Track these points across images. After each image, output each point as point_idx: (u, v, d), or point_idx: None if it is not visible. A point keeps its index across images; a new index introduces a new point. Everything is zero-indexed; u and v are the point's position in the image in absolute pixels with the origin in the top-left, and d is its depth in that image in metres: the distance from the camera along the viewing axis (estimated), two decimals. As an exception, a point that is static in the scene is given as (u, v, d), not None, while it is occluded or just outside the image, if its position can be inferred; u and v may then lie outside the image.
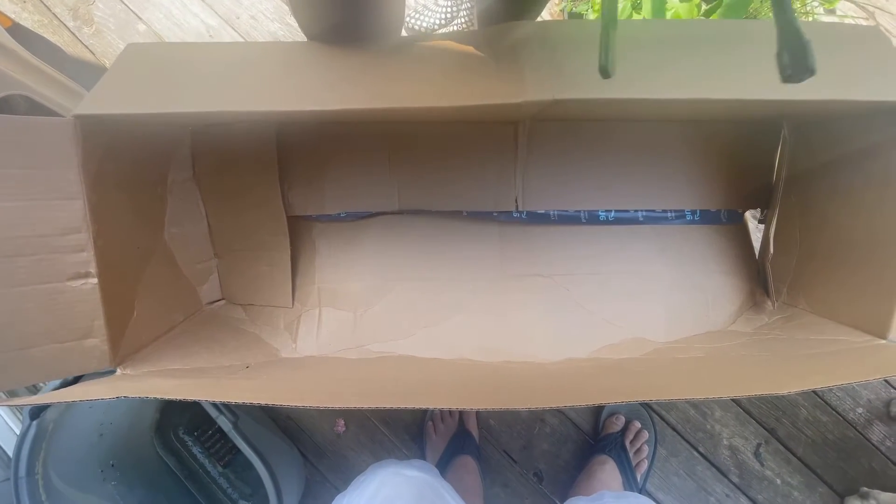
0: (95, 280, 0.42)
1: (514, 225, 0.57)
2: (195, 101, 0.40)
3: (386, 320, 0.55)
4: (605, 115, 0.54)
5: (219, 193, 0.56)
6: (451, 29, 0.82)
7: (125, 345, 0.46)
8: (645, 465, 0.70)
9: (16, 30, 0.82)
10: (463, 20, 0.82)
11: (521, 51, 0.41)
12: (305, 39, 0.47)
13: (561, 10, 0.84)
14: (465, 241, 0.57)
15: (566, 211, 0.56)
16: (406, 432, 0.74)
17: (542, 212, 0.56)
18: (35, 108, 0.68)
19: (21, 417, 0.69)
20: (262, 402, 0.33)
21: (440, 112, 0.43)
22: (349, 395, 0.37)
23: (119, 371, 0.44)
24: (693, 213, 0.57)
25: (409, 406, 0.33)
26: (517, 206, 0.56)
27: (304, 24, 0.46)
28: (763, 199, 0.58)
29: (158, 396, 0.33)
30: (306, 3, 0.43)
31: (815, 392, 0.76)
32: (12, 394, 0.67)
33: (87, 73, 0.81)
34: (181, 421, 0.71)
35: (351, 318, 0.55)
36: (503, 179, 0.56)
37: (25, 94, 0.66)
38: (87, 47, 0.83)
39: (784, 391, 0.33)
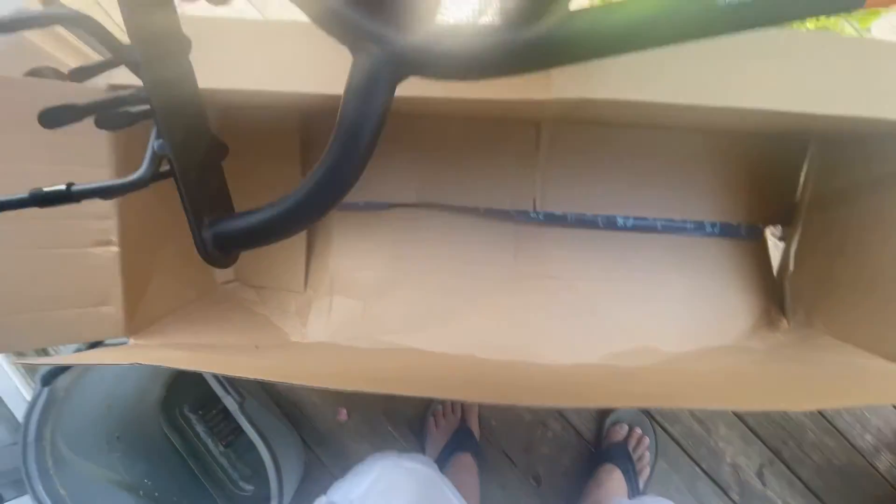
0: (117, 248, 0.43)
1: (531, 225, 0.57)
2: (223, 78, 0.40)
3: (396, 312, 0.55)
4: (629, 120, 0.53)
5: (241, 176, 0.56)
6: (484, 20, 0.82)
7: (139, 316, 0.46)
8: (647, 472, 0.69)
9: (49, 4, 0.83)
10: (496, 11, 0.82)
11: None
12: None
13: None
14: (480, 238, 0.57)
15: (584, 214, 0.56)
16: (407, 426, 0.74)
17: (560, 213, 0.56)
18: (63, 79, 0.69)
19: (32, 384, 0.71)
20: (273, 380, 0.33)
21: (464, 105, 0.43)
22: (357, 379, 0.38)
23: (131, 341, 0.45)
24: (713, 225, 0.57)
25: (415, 394, 0.33)
26: (535, 207, 0.56)
27: None
28: (785, 216, 0.57)
29: (172, 366, 0.34)
30: None
31: (823, 415, 0.74)
32: (21, 355, 0.68)
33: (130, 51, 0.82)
34: (187, 398, 0.72)
35: (361, 307, 0.55)
36: (522, 179, 0.56)
37: (54, 66, 0.68)
38: (116, 24, 0.84)
39: (795, 409, 0.33)
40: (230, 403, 0.53)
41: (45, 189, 0.26)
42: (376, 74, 0.22)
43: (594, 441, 0.74)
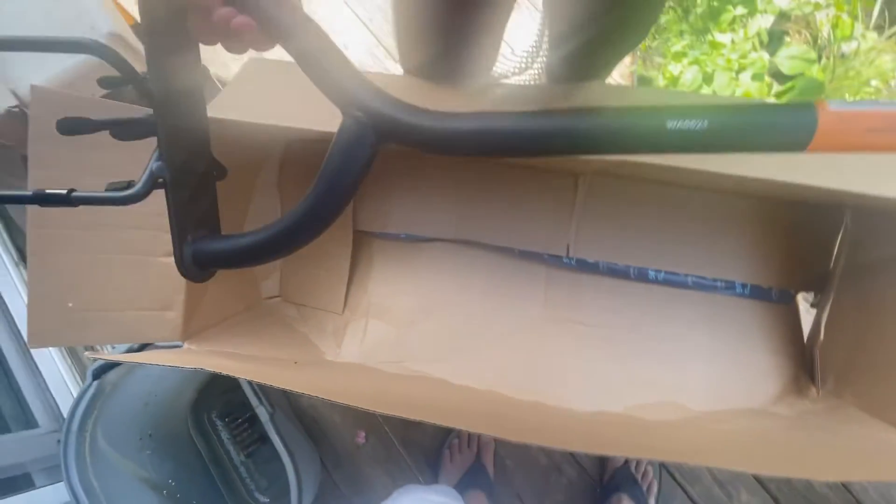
0: (184, 260, 0.47)
1: (563, 270, 0.59)
2: (293, 117, 0.45)
3: (427, 341, 0.57)
4: (667, 179, 0.56)
5: (296, 200, 0.61)
6: (523, 78, 0.87)
7: (194, 323, 0.50)
8: (655, 488, 0.68)
9: (138, 28, 0.93)
10: (535, 72, 0.87)
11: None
12: (400, 72, 0.52)
13: (631, 73, 0.88)
14: (512, 278, 0.59)
15: (616, 264, 0.58)
16: (423, 455, 0.75)
17: (592, 261, 0.58)
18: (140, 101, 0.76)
19: (78, 377, 0.75)
20: (315, 395, 0.36)
21: (508, 159, 0.46)
22: (384, 402, 0.39)
23: (185, 346, 0.48)
24: (744, 286, 0.58)
25: (437, 422, 0.35)
26: (568, 252, 0.58)
27: (406, 52, 0.50)
28: (818, 284, 0.58)
29: (228, 374, 0.37)
30: (414, 29, 0.47)
31: (849, 490, 0.71)
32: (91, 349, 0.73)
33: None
34: (216, 405, 0.75)
35: (394, 333, 0.58)
36: (558, 225, 0.59)
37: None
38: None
39: (820, 478, 0.33)
40: (262, 413, 0.55)
41: (48, 191, 0.28)
42: (360, 138, 0.25)
43: (599, 479, 0.73)
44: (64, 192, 0.27)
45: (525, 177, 0.59)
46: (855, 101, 0.20)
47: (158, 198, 0.44)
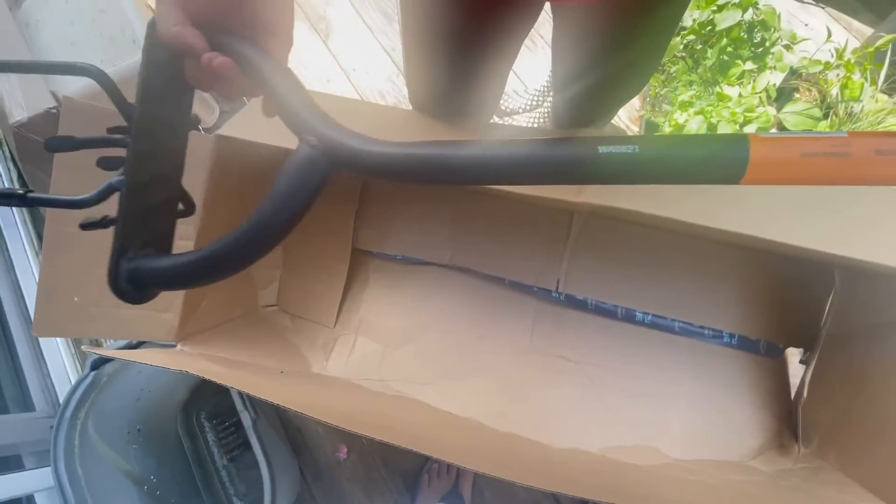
0: (186, 265, 0.50)
1: (551, 304, 0.60)
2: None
3: (411, 363, 0.58)
4: (661, 225, 0.57)
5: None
6: (534, 115, 0.90)
7: (191, 325, 0.52)
8: None
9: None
10: (546, 109, 0.90)
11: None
12: (409, 106, 0.55)
13: (640, 117, 0.90)
14: (501, 308, 0.60)
15: (604, 303, 0.59)
16: (402, 477, 0.75)
17: (581, 298, 0.59)
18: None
19: (79, 367, 0.78)
20: (290, 407, 0.37)
21: (505, 191, 0.48)
22: (362, 422, 0.41)
23: (179, 346, 0.50)
24: (731, 336, 0.58)
25: (414, 448, 0.36)
26: (557, 287, 0.59)
27: (414, 88, 0.53)
28: (807, 341, 0.57)
29: (210, 378, 0.38)
30: (421, 69, 0.50)
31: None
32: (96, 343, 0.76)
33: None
34: (205, 406, 0.77)
35: (381, 351, 0.59)
36: (549, 259, 0.60)
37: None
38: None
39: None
40: (246, 419, 0.57)
41: (3, 189, 0.29)
42: (313, 162, 0.24)
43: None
44: (21, 191, 0.27)
45: (521, 210, 0.61)
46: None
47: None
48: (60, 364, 0.74)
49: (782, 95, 0.84)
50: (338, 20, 1.02)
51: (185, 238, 0.49)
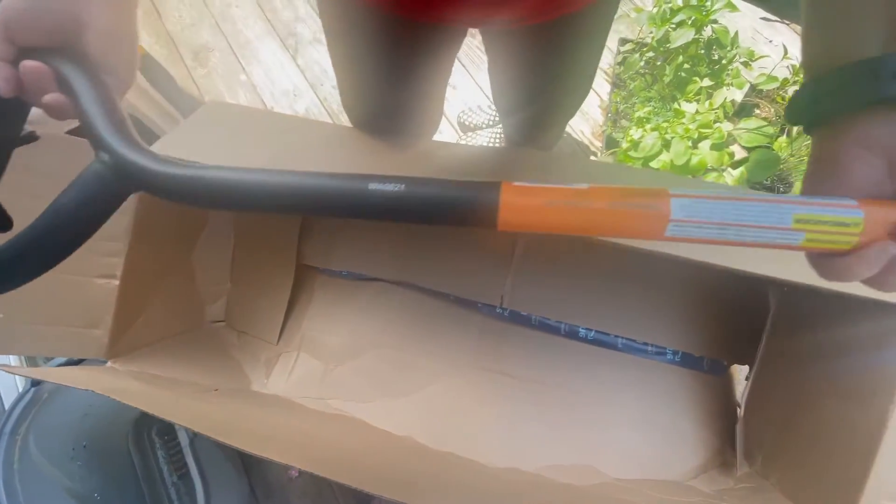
0: (117, 282, 0.49)
1: (496, 320, 0.60)
2: (247, 161, 0.47)
3: (352, 381, 0.58)
4: (604, 243, 0.57)
5: (248, 232, 0.64)
6: (497, 129, 0.91)
7: (123, 342, 0.52)
8: None
9: (146, 59, 1.00)
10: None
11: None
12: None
13: (602, 132, 0.90)
14: (445, 324, 0.60)
15: (547, 319, 0.58)
16: (354, 497, 0.74)
17: (525, 314, 0.59)
18: (138, 126, 0.82)
19: (29, 384, 0.77)
20: (206, 433, 0.37)
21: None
22: (290, 451, 0.39)
23: (109, 364, 0.50)
24: (675, 353, 0.57)
25: (343, 481, 0.35)
26: (501, 303, 0.59)
27: (348, 106, 0.53)
28: (751, 358, 0.57)
29: (118, 399, 0.38)
30: (350, 88, 0.50)
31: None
32: (32, 362, 0.75)
33: (187, 104, 0.97)
34: (158, 421, 0.76)
35: (322, 369, 0.58)
36: (494, 275, 0.60)
37: (134, 114, 0.81)
38: (196, 84, 1.00)
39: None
40: (183, 437, 0.56)
41: None
42: (100, 180, 0.23)
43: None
44: None
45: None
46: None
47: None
48: (10, 380, 0.73)
49: (744, 112, 0.85)
50: (307, 35, 1.03)
51: (108, 276, 0.49)
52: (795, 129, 0.77)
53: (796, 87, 0.91)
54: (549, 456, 0.53)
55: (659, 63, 0.83)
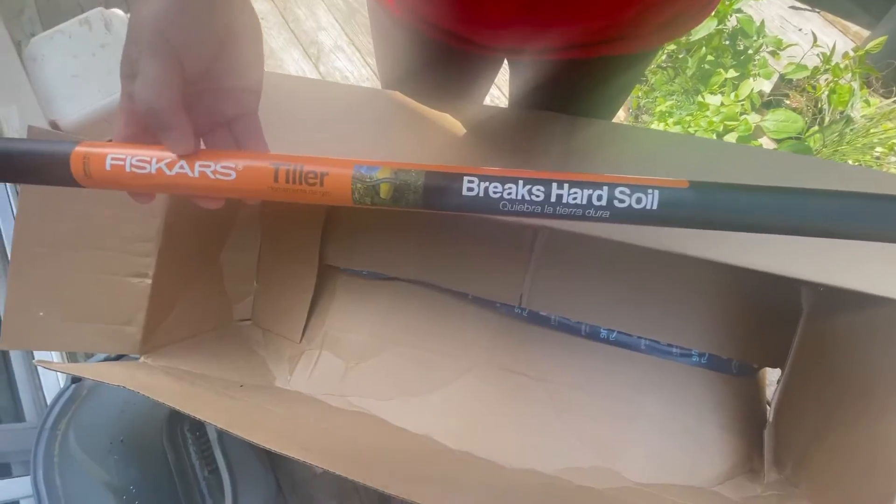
0: (150, 281, 0.52)
1: (514, 320, 0.59)
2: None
3: (372, 378, 0.58)
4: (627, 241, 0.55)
5: (273, 233, 0.66)
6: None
7: (155, 338, 0.54)
8: None
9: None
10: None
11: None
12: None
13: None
14: (463, 323, 0.60)
15: (567, 319, 0.58)
16: (376, 492, 0.75)
17: (544, 314, 0.58)
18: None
19: (70, 380, 0.81)
20: (226, 429, 0.38)
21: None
22: (311, 449, 0.40)
23: (142, 359, 0.52)
24: (701, 355, 0.56)
25: (359, 479, 0.35)
26: (520, 303, 0.59)
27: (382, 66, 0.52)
28: (782, 359, 0.55)
29: (148, 395, 0.40)
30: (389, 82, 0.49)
31: None
32: (72, 358, 0.79)
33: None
34: (190, 417, 0.78)
35: (343, 367, 0.59)
36: (513, 274, 0.59)
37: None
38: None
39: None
40: (211, 431, 0.58)
41: None
42: None
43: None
44: None
45: (486, 226, 0.61)
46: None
47: (135, 226, 0.49)
48: (52, 375, 0.78)
49: (772, 103, 0.82)
50: (328, 44, 1.05)
51: (141, 276, 0.51)
52: (828, 118, 0.73)
53: (827, 76, 0.87)
54: (568, 458, 0.52)
55: (681, 56, 0.81)
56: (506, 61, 0.49)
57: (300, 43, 1.06)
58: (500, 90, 0.96)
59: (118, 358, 0.61)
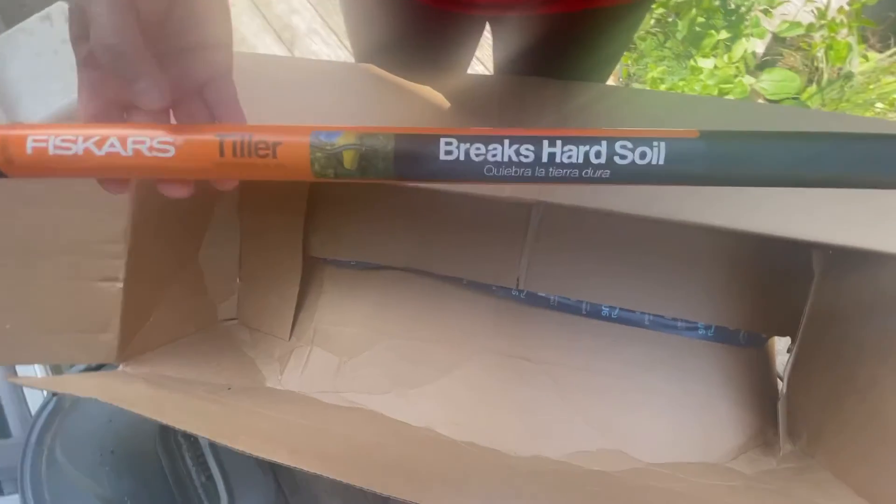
0: (121, 285, 0.49)
1: (512, 303, 0.57)
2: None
3: (367, 372, 0.56)
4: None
5: (253, 225, 0.63)
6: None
7: (134, 345, 0.51)
8: None
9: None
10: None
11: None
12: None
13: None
14: (459, 310, 0.57)
15: (567, 299, 0.55)
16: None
17: (543, 295, 0.56)
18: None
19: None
20: (208, 437, 0.35)
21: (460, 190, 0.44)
22: (303, 454, 0.38)
23: (120, 367, 0.49)
24: (707, 327, 0.53)
25: (356, 483, 0.33)
26: (517, 285, 0.56)
27: (353, 34, 0.48)
28: (793, 328, 0.53)
29: (122, 406, 0.37)
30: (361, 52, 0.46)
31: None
32: (56, 370, 0.76)
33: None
34: (182, 424, 0.76)
35: (336, 362, 0.57)
36: (508, 256, 0.57)
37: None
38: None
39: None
40: (203, 438, 0.55)
41: None
42: None
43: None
44: None
45: (477, 206, 0.58)
46: None
47: (100, 226, 0.45)
48: (36, 389, 0.74)
49: (767, 63, 0.79)
50: (302, 27, 1.01)
51: (111, 279, 0.48)
52: (826, 76, 0.71)
53: (822, 32, 0.84)
54: (575, 442, 0.50)
55: (671, 20, 0.77)
56: (487, 30, 0.46)
57: (273, 28, 1.01)
58: (483, 65, 0.93)
59: (98, 368, 0.58)
